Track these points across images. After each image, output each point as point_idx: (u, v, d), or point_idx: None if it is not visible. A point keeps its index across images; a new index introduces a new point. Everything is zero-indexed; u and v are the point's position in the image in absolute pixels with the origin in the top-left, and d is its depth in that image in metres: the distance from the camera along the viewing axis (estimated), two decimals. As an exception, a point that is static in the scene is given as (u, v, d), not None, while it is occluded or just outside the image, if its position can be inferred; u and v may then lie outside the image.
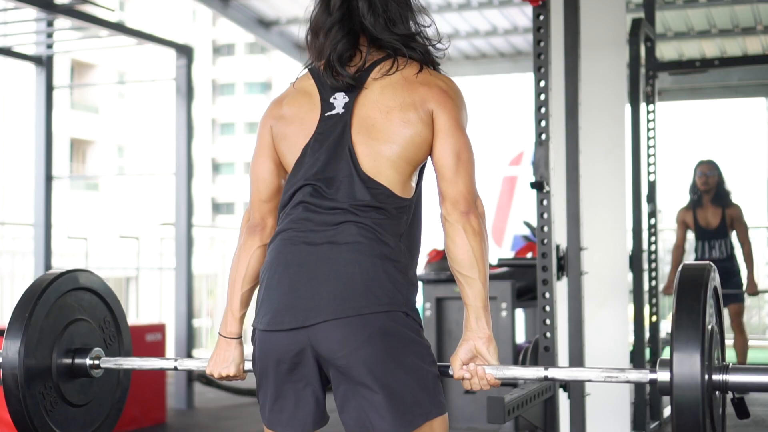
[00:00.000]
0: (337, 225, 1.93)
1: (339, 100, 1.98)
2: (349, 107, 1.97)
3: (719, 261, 6.26)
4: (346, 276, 1.88)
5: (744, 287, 6.32)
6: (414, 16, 2.07)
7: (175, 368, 2.25)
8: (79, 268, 2.40)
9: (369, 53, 2.00)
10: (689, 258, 6.88)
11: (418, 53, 2.03)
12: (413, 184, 1.99)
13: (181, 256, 6.16)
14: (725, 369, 1.81)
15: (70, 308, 2.31)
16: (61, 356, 2.27)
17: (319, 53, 2.02)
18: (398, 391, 1.86)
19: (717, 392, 1.81)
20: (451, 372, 1.99)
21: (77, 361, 2.29)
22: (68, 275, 2.32)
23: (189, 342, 6.17)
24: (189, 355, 6.17)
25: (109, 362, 2.31)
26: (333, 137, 1.96)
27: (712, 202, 6.32)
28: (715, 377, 1.78)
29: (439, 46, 2.08)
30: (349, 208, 1.93)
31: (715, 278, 1.82)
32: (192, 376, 6.18)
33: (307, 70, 2.07)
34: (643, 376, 1.87)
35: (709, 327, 1.76)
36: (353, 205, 1.93)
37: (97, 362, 2.30)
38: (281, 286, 1.92)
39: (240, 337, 2.10)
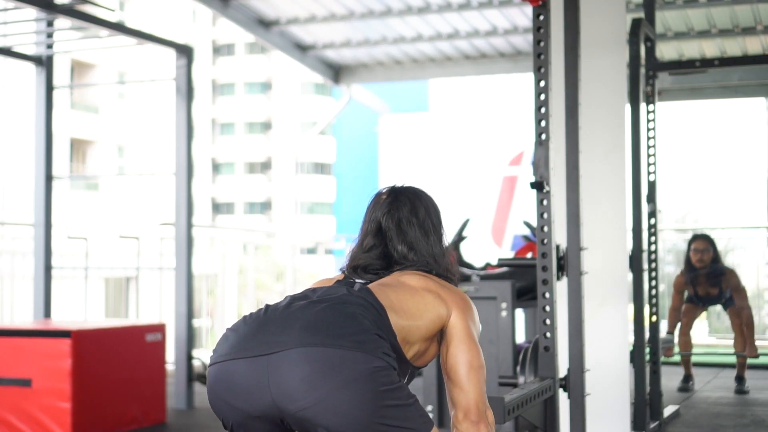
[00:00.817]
0: (326, 296, 2.00)
1: (364, 278, 2.17)
2: (370, 279, 2.16)
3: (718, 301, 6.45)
4: (321, 316, 1.91)
5: (744, 349, 6.34)
6: (446, 256, 2.25)
7: None
8: None
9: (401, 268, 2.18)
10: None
11: (445, 276, 2.21)
12: (408, 354, 2.03)
13: (181, 256, 6.16)
14: None
15: None
16: None
17: (349, 259, 2.22)
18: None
19: None
20: None
21: None
22: None
23: (189, 342, 6.16)
24: (189, 356, 6.17)
25: None
26: (346, 283, 2.11)
27: (707, 277, 6.39)
28: None
29: (454, 271, 2.25)
30: (344, 290, 2.02)
31: None
32: (192, 376, 6.17)
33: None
34: None
35: None
36: (351, 292, 2.01)
37: None
38: (246, 326, 1.94)
39: None
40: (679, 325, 6.51)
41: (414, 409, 1.93)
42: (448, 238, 2.29)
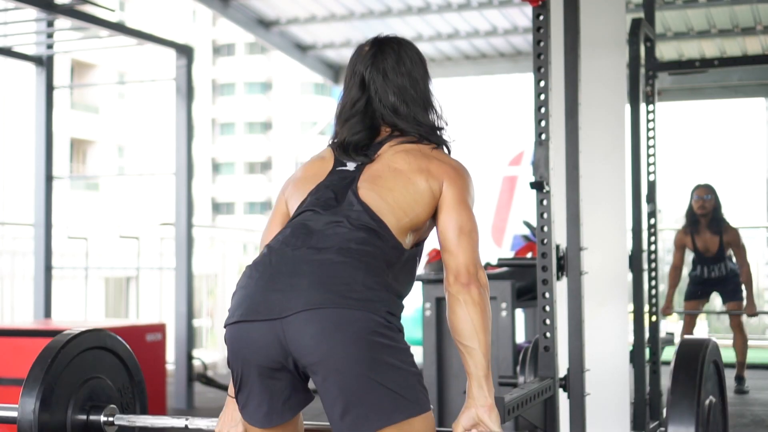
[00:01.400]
0: (327, 234, 1.96)
1: (352, 163, 2.10)
2: (360, 167, 2.08)
3: (718, 277, 6.34)
4: (325, 273, 1.89)
5: (744, 305, 6.34)
6: (435, 110, 2.20)
7: (186, 427, 2.29)
8: (97, 328, 2.43)
9: (390, 137, 2.12)
10: (686, 273, 6.87)
11: (436, 139, 2.16)
12: (408, 242, 2.03)
13: (181, 256, 6.16)
14: None
15: (87, 366, 2.35)
16: (77, 413, 2.29)
17: (338, 137, 2.14)
18: (367, 395, 1.86)
19: None
20: None
21: (92, 417, 2.31)
22: (86, 334, 2.34)
23: (189, 342, 6.17)
24: (189, 356, 6.17)
25: (123, 419, 2.35)
26: (340, 185, 2.05)
27: (709, 226, 6.35)
28: None
29: (450, 137, 2.22)
30: (344, 222, 1.97)
31: (716, 352, 1.80)
32: (192, 376, 6.17)
33: (328, 145, 2.19)
34: None
35: (707, 402, 1.74)
36: (349, 221, 1.97)
37: (111, 419, 2.33)
38: (255, 281, 1.94)
39: None
40: (681, 325, 6.51)
41: (414, 379, 1.91)
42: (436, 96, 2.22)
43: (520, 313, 5.99)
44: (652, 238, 5.14)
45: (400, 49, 2.21)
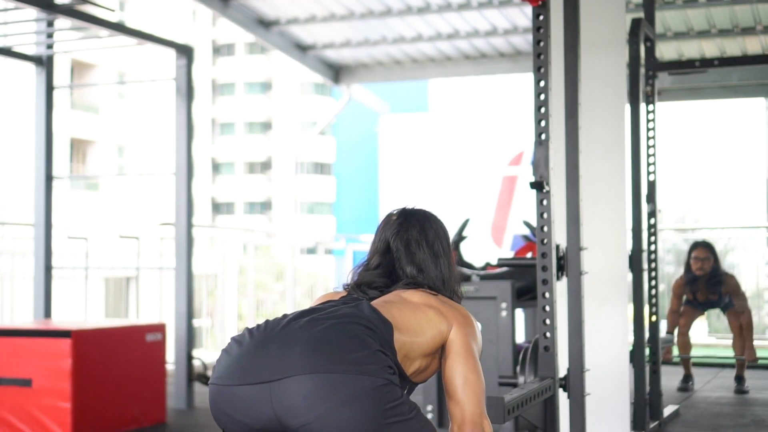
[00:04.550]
0: (330, 312, 2.00)
1: (366, 295, 2.18)
2: (374, 296, 2.16)
3: (715, 302, 6.44)
4: (322, 337, 1.89)
5: (743, 354, 6.35)
6: (454, 278, 2.26)
7: None
8: None
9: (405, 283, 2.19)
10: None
11: (449, 292, 2.23)
12: (408, 371, 2.04)
13: (181, 256, 6.16)
14: None
15: None
16: None
17: (353, 276, 2.25)
18: None
19: None
20: None
21: None
22: None
23: (189, 342, 6.16)
24: (189, 356, 6.17)
25: None
26: (353, 301, 2.10)
27: (707, 283, 6.39)
28: None
29: (461, 289, 2.28)
30: (352, 312, 2.00)
31: None
32: (192, 376, 6.17)
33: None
34: None
35: None
36: (358, 314, 1.99)
37: None
38: (248, 344, 1.93)
39: None
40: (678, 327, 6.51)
41: (416, 422, 1.94)
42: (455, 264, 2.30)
43: (520, 313, 5.99)
44: (652, 238, 5.15)
45: (424, 221, 2.27)
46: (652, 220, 5.16)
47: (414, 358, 2.04)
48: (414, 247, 2.23)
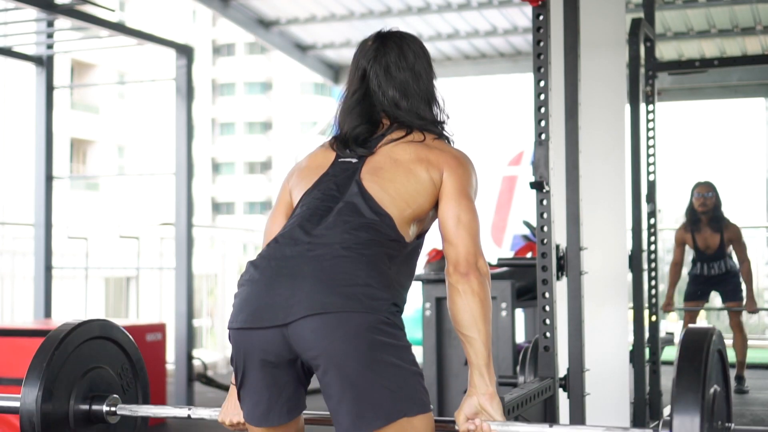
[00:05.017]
0: (328, 228, 1.97)
1: (354, 155, 2.11)
2: (362, 158, 2.09)
3: (718, 275, 6.34)
4: (327, 273, 1.90)
5: (744, 303, 6.36)
6: (438, 103, 2.19)
7: (189, 417, 2.29)
8: (99, 318, 2.43)
9: (391, 130, 2.13)
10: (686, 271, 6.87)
11: (437, 131, 2.15)
12: (411, 233, 2.03)
13: (181, 256, 6.16)
14: (727, 430, 1.81)
15: (89, 356, 2.34)
16: (78, 403, 2.29)
17: (339, 132, 2.16)
18: (366, 392, 1.86)
19: None
20: (457, 427, 2.00)
21: (94, 407, 2.31)
22: (87, 325, 2.35)
23: (189, 342, 6.16)
24: (189, 356, 6.17)
25: (125, 409, 2.34)
26: (343, 177, 2.06)
27: (709, 224, 6.36)
28: None
29: (452, 132, 2.20)
30: (346, 215, 1.97)
31: (720, 342, 1.82)
32: (192, 376, 6.17)
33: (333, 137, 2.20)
34: None
35: (712, 390, 1.75)
36: (351, 214, 1.97)
37: (113, 409, 2.32)
38: (257, 283, 1.95)
39: None
40: (681, 325, 6.52)
41: (414, 379, 1.91)
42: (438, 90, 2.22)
43: (520, 313, 5.99)
44: (652, 238, 5.15)
45: (402, 43, 2.19)
46: (652, 220, 5.16)
47: (418, 221, 2.05)
48: (394, 70, 2.15)
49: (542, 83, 3.31)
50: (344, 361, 1.85)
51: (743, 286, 6.46)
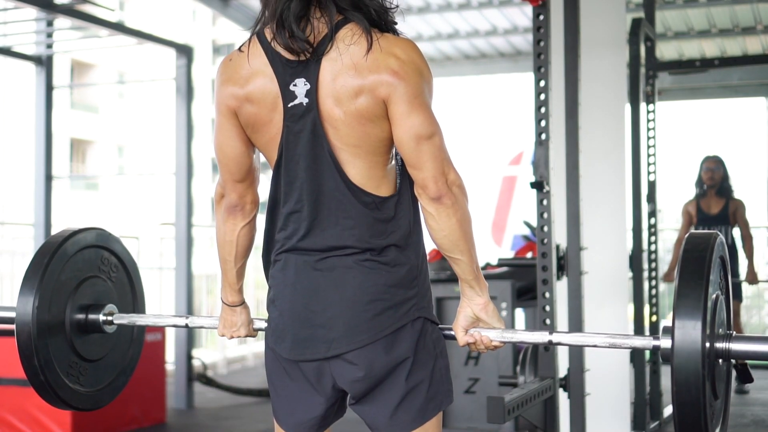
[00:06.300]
0: (328, 231, 1.91)
1: (300, 87, 1.84)
2: (312, 97, 1.83)
3: None
4: (354, 297, 1.87)
5: (744, 276, 6.40)
6: None
7: (186, 326, 2.27)
8: (94, 226, 2.36)
9: (320, 22, 1.84)
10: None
11: (373, 15, 1.86)
12: (392, 178, 1.90)
13: (181, 255, 6.16)
14: (728, 337, 1.77)
15: (85, 265, 2.30)
16: (75, 312, 2.26)
17: (271, 15, 1.84)
18: (415, 392, 1.89)
19: (720, 360, 1.78)
20: (458, 342, 1.99)
21: (90, 316, 2.28)
22: (83, 233, 2.30)
23: (189, 342, 6.16)
24: (189, 356, 6.17)
25: (123, 318, 2.31)
26: (306, 135, 1.86)
27: (716, 192, 6.46)
28: (717, 345, 1.75)
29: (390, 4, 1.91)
30: (340, 216, 1.89)
31: (723, 248, 1.80)
32: (192, 376, 6.17)
33: (255, 37, 1.89)
34: (647, 342, 1.87)
35: (714, 295, 1.74)
36: (345, 215, 1.89)
37: (110, 318, 2.30)
38: (290, 312, 1.92)
39: (243, 303, 2.11)
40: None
41: (445, 372, 1.93)
42: None
43: (520, 313, 5.98)
44: (652, 238, 5.14)
45: None
46: (652, 220, 5.16)
47: (389, 162, 1.89)
48: None
49: (542, 83, 3.31)
50: (384, 376, 1.88)
51: (742, 277, 6.50)
